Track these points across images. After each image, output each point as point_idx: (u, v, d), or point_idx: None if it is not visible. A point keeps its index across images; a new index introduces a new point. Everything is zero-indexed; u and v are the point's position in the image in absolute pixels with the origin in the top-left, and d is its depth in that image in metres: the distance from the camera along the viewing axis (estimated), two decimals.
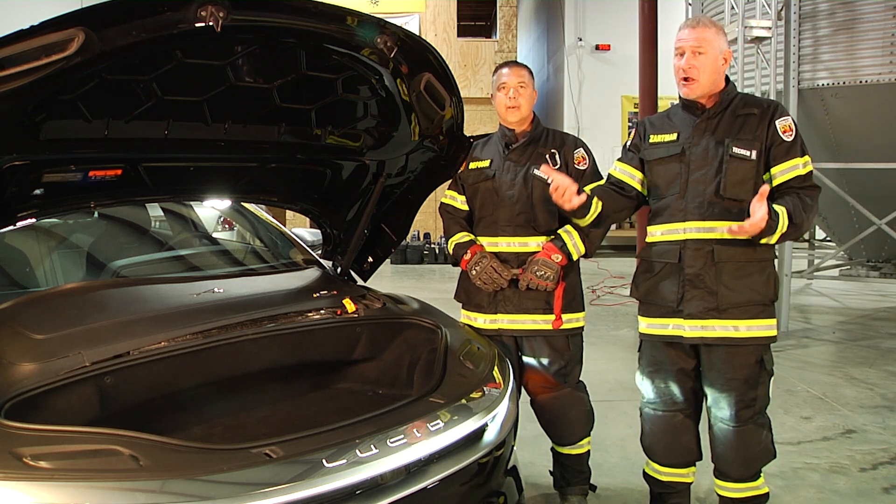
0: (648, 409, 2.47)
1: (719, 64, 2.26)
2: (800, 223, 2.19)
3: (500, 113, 2.68)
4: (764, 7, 6.31)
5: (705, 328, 2.28)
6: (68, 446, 1.50)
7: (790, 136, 2.23)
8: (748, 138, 2.24)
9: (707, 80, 2.25)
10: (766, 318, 2.27)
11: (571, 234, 2.59)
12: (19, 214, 2.13)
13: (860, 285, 8.51)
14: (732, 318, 2.25)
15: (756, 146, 2.23)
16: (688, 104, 2.34)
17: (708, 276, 2.26)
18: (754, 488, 2.34)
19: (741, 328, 2.25)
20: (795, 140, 2.24)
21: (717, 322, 2.26)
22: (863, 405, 4.21)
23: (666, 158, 2.35)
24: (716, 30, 2.27)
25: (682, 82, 2.28)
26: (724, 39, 2.29)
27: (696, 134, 2.30)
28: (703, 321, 2.28)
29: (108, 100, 1.92)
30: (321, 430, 1.71)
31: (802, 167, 2.23)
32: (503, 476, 2.09)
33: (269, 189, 2.72)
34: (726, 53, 2.28)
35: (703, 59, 2.23)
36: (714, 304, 2.25)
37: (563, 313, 2.62)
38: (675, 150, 2.33)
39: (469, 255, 2.64)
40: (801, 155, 2.24)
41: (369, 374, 2.49)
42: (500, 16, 14.40)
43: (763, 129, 2.24)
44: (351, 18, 2.00)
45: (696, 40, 2.23)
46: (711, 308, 2.26)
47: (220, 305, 2.30)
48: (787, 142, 2.23)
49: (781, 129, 2.23)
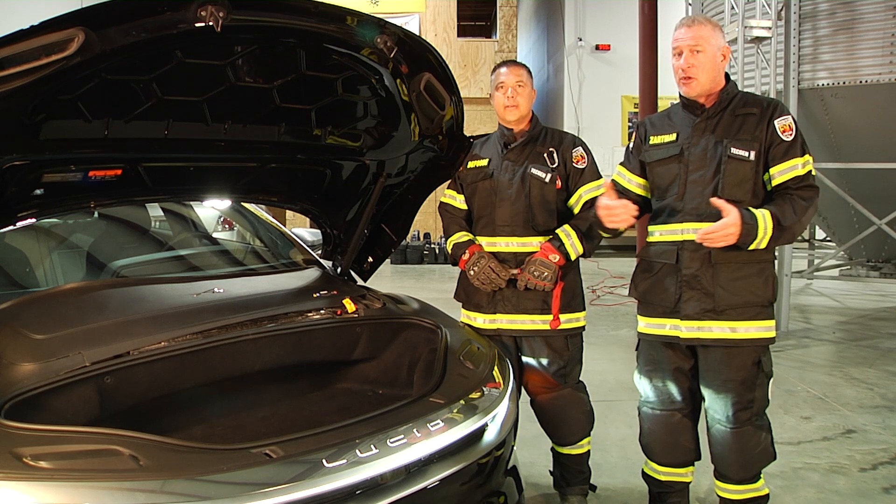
0: (646, 409, 2.48)
1: (718, 61, 2.25)
2: (790, 225, 2.16)
3: (498, 112, 2.68)
4: (764, 7, 6.31)
5: (702, 329, 2.27)
6: (68, 446, 1.50)
7: (790, 136, 2.21)
8: (747, 138, 2.22)
9: (707, 77, 2.24)
10: (763, 320, 2.26)
11: (570, 235, 2.58)
12: (19, 214, 2.13)
13: (860, 285, 8.51)
14: (730, 319, 2.24)
15: (755, 147, 2.21)
16: (687, 103, 2.33)
17: (705, 278, 2.26)
18: (754, 490, 2.34)
19: (739, 329, 2.24)
20: (795, 140, 2.21)
21: (714, 323, 2.26)
22: (863, 405, 4.21)
23: (665, 160, 2.35)
24: (711, 27, 2.26)
25: (681, 81, 2.27)
26: (722, 36, 2.29)
27: (696, 134, 2.29)
28: (699, 322, 2.27)
29: (107, 100, 1.92)
30: (321, 430, 1.71)
31: (801, 167, 2.20)
32: (503, 476, 2.09)
33: (269, 189, 2.72)
34: (724, 50, 2.27)
35: (702, 57, 2.22)
36: (711, 305, 2.25)
37: (562, 313, 2.62)
38: (674, 150, 2.33)
39: (467, 255, 2.64)
40: (801, 155, 2.21)
41: (369, 374, 2.49)
42: (500, 16, 14.41)
43: (762, 129, 2.22)
44: (351, 18, 2.00)
45: (693, 38, 2.23)
46: (708, 309, 2.26)
47: (220, 305, 2.30)
48: (787, 142, 2.21)
49: (781, 129, 2.21)
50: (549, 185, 2.61)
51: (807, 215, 2.20)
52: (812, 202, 2.21)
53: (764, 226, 2.14)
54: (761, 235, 2.14)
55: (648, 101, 7.87)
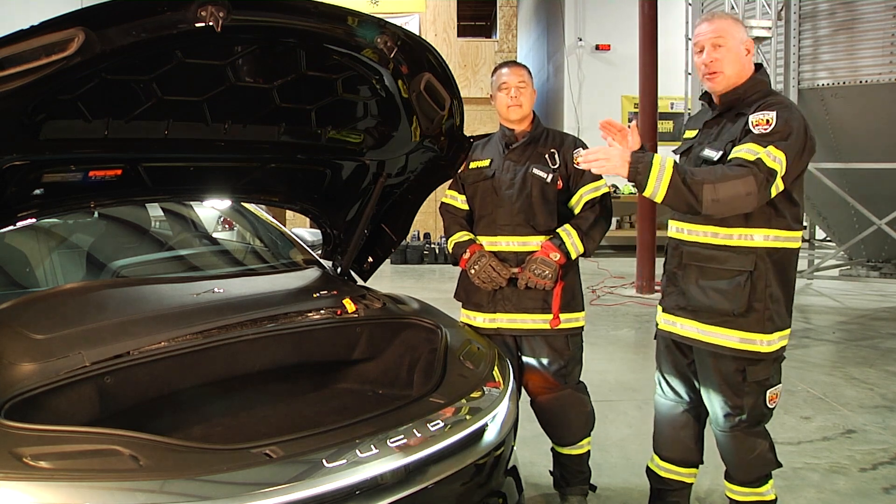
0: (657, 397, 2.52)
1: (742, 54, 2.19)
2: (697, 181, 1.99)
3: (501, 112, 2.69)
4: (764, 7, 6.32)
5: (674, 324, 2.32)
6: (68, 446, 1.50)
7: (764, 129, 2.04)
8: (725, 140, 2.15)
9: (732, 70, 2.17)
10: (733, 329, 2.17)
11: (570, 234, 2.59)
12: (19, 214, 2.13)
13: (860, 285, 8.50)
14: (702, 321, 2.23)
15: (728, 148, 2.13)
16: (706, 101, 2.32)
17: (680, 275, 2.29)
18: (758, 494, 2.33)
19: (713, 334, 2.21)
20: (767, 133, 2.03)
21: (688, 322, 2.27)
22: (863, 405, 4.21)
23: (683, 154, 2.37)
24: (732, 20, 2.23)
25: (706, 77, 2.21)
26: (743, 29, 2.23)
27: (703, 132, 2.30)
28: (674, 317, 2.32)
29: (107, 100, 1.92)
30: (321, 430, 1.71)
31: (750, 153, 2.01)
32: (503, 476, 2.09)
33: (269, 189, 2.72)
34: (747, 43, 2.20)
35: (724, 51, 2.17)
36: (684, 303, 2.27)
37: (562, 313, 2.62)
38: (685, 147, 2.36)
39: (468, 254, 2.65)
40: (764, 146, 2.01)
41: (369, 374, 2.49)
42: (500, 16, 14.40)
43: (740, 129, 2.12)
44: (351, 18, 2.00)
45: (714, 32, 2.18)
46: (682, 306, 2.28)
47: (220, 305, 2.30)
48: (753, 133, 2.04)
49: (754, 123, 2.08)
50: (550, 185, 2.62)
51: (730, 185, 1.99)
52: (742, 177, 1.98)
53: (661, 162, 2.00)
54: (655, 172, 1.99)
55: (648, 101, 7.86)
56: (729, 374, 2.22)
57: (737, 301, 2.15)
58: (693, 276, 2.25)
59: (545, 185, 2.62)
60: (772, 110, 2.07)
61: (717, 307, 2.19)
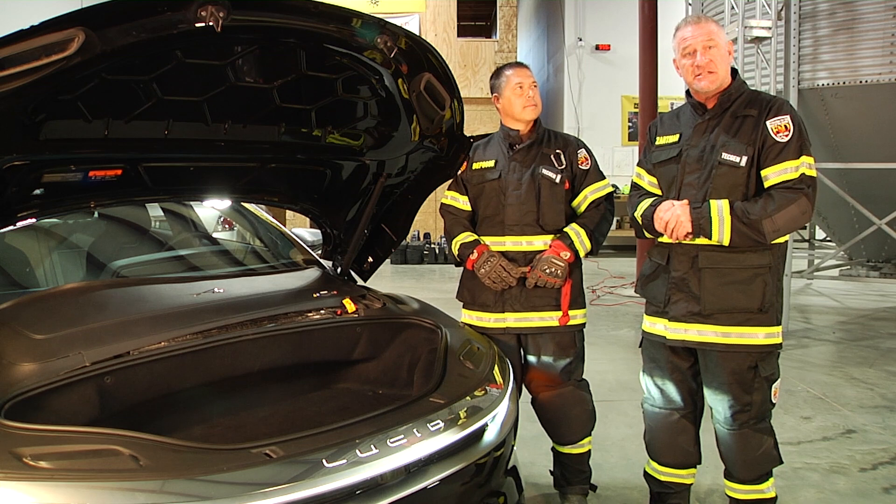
0: (647, 406, 2.49)
1: (727, 56, 2.26)
2: (756, 219, 2.10)
3: (512, 112, 2.68)
4: (764, 7, 6.31)
5: (687, 332, 2.29)
6: (68, 446, 1.50)
7: (784, 137, 2.15)
8: (742, 143, 2.19)
9: (724, 71, 2.25)
10: (756, 326, 2.22)
11: (579, 233, 2.63)
12: (19, 214, 2.12)
13: (860, 285, 8.50)
14: (719, 323, 2.23)
15: (749, 151, 2.18)
16: (694, 103, 2.33)
17: (692, 281, 2.26)
18: (759, 492, 2.33)
19: (731, 335, 2.23)
20: (791, 141, 2.15)
21: (702, 326, 2.25)
22: (863, 405, 4.21)
23: (666, 161, 2.35)
24: (716, 23, 2.29)
25: (701, 76, 2.23)
26: (724, 33, 2.32)
27: (696, 136, 2.29)
28: (685, 324, 2.28)
29: (107, 100, 1.92)
30: (321, 430, 1.71)
31: (793, 171, 2.13)
32: (503, 476, 2.09)
33: (269, 189, 2.72)
34: (729, 46, 2.30)
35: (716, 52, 2.23)
36: (697, 308, 2.25)
37: (569, 310, 2.64)
38: (674, 152, 2.33)
39: (476, 255, 2.66)
40: (796, 157, 2.14)
41: (369, 374, 2.49)
42: (500, 16, 14.40)
43: (757, 132, 2.19)
44: (351, 19, 1.99)
45: (705, 34, 2.23)
46: (695, 312, 2.26)
47: (220, 305, 2.30)
48: (780, 143, 2.15)
49: (774, 130, 2.16)
50: (558, 185, 2.65)
51: (785, 212, 2.11)
52: (796, 201, 2.12)
53: (718, 212, 2.13)
54: (717, 223, 2.13)
55: (648, 101, 7.86)
56: (742, 371, 2.23)
57: (760, 298, 2.20)
58: (710, 280, 2.23)
59: (554, 186, 2.65)
60: (783, 114, 2.18)
61: (739, 306, 2.21)
